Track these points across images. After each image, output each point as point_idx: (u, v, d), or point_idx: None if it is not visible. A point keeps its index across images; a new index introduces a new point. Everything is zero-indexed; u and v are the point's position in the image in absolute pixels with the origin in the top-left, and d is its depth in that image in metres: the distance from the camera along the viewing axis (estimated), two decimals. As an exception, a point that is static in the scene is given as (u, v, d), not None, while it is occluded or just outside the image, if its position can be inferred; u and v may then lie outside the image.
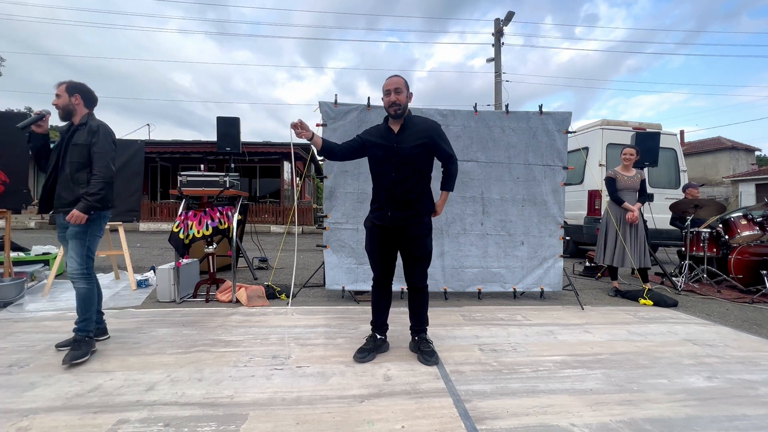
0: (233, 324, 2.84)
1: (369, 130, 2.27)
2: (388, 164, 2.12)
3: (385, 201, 2.15)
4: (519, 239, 3.79)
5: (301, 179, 17.52)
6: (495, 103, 12.67)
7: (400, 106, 2.10)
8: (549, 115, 3.77)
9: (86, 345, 2.16)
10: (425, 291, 2.26)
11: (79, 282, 2.22)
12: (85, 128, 2.24)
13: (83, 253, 2.23)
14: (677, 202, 4.94)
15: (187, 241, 3.34)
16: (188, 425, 1.51)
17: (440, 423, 1.57)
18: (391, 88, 2.10)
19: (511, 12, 12.45)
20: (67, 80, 2.31)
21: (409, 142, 2.12)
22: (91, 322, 2.24)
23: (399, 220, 2.14)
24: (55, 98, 2.28)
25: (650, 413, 1.68)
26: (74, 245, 2.21)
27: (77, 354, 2.08)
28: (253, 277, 4.66)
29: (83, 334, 2.19)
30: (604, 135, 6.45)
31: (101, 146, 2.23)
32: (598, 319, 3.17)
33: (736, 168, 21.87)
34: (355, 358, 2.18)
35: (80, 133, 2.23)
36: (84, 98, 2.31)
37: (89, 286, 2.24)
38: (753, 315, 3.44)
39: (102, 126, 2.28)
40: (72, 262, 2.21)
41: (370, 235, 2.25)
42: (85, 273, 2.23)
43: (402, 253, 2.24)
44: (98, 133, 2.24)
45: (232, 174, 3.75)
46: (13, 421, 1.52)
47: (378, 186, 2.20)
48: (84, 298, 2.22)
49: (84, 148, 2.21)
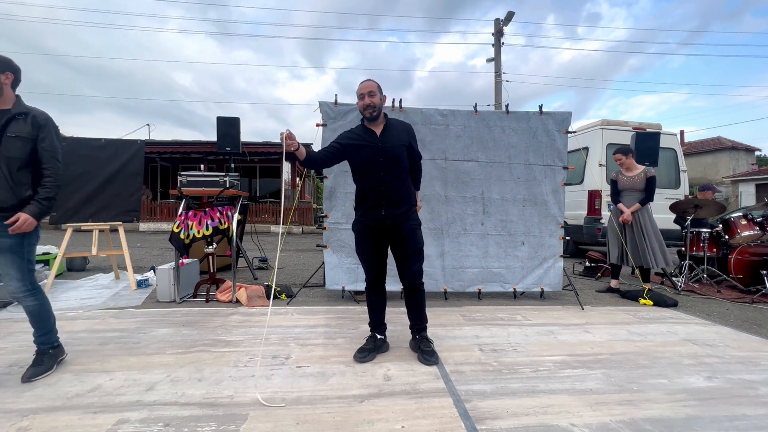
0: (233, 324, 2.84)
1: (345, 134, 2.29)
2: (375, 164, 2.17)
3: (376, 201, 2.18)
4: (519, 239, 3.79)
5: (301, 179, 17.52)
6: (495, 103, 12.68)
7: (375, 108, 2.17)
8: (549, 115, 3.77)
9: (50, 358, 1.97)
10: (422, 288, 2.28)
11: (26, 300, 1.92)
12: (27, 118, 1.87)
13: (23, 267, 1.90)
14: (677, 202, 4.94)
15: (187, 241, 3.34)
16: (188, 425, 1.51)
17: (440, 423, 1.57)
18: (365, 92, 2.16)
19: (511, 12, 12.46)
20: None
21: (394, 142, 2.20)
22: (53, 333, 2.03)
23: (395, 218, 2.17)
24: None
25: (650, 413, 1.68)
26: (11, 260, 1.86)
27: (39, 370, 1.89)
28: (253, 277, 4.66)
29: (46, 347, 2.00)
30: (604, 135, 6.45)
31: (51, 143, 1.92)
32: (598, 319, 3.17)
33: (736, 168, 21.87)
34: (355, 358, 2.19)
35: (19, 124, 1.85)
36: (16, 78, 1.91)
37: (39, 301, 1.97)
38: (753, 315, 3.44)
39: (48, 118, 1.95)
40: (12, 281, 1.87)
41: (362, 238, 2.26)
42: (30, 289, 1.93)
43: (396, 253, 2.25)
44: (46, 126, 1.92)
45: (232, 174, 3.75)
46: (13, 421, 1.52)
47: (365, 187, 2.22)
48: (38, 314, 1.97)
49: (27, 142, 1.86)
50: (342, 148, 2.23)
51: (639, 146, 4.94)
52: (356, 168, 2.26)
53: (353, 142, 2.22)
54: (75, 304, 3.34)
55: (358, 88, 2.21)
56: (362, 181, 2.24)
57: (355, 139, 2.23)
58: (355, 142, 2.22)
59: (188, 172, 3.66)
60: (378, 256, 2.27)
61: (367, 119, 2.21)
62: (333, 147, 2.23)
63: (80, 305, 3.29)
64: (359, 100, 2.20)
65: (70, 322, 2.79)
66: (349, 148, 2.22)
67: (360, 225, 2.26)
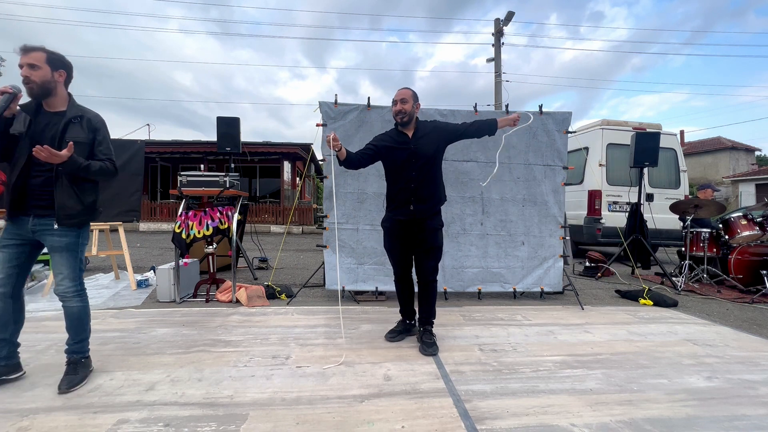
0: (233, 324, 2.83)
1: (380, 137, 2.46)
2: (408, 165, 2.34)
3: (406, 198, 2.34)
4: (519, 239, 3.79)
5: (301, 179, 17.52)
6: (495, 103, 12.67)
7: (405, 114, 2.33)
8: (549, 115, 3.77)
9: (83, 368, 1.89)
10: (435, 284, 2.46)
11: (73, 300, 1.86)
12: (82, 121, 1.83)
13: (76, 267, 1.87)
14: (677, 202, 4.94)
15: (188, 240, 3.35)
16: (188, 425, 1.51)
17: (440, 423, 1.57)
18: (397, 99, 2.35)
19: (511, 12, 12.45)
20: (39, 45, 1.74)
21: (427, 143, 2.36)
22: (86, 342, 1.95)
23: (423, 212, 2.35)
24: (28, 69, 1.70)
25: (650, 413, 1.68)
26: (65, 259, 1.82)
27: (75, 379, 1.82)
28: (253, 277, 4.66)
29: (79, 356, 1.90)
30: (604, 135, 6.45)
31: (107, 146, 1.90)
32: (598, 319, 3.17)
33: (736, 168, 21.86)
34: (386, 338, 2.50)
35: (76, 129, 1.80)
36: (68, 75, 1.83)
37: (83, 303, 1.91)
38: (753, 315, 3.44)
39: (102, 120, 1.92)
40: (64, 280, 1.83)
41: (390, 234, 2.45)
42: (79, 290, 1.89)
43: (417, 248, 2.42)
44: (102, 129, 1.89)
45: (232, 174, 3.75)
46: (13, 421, 1.52)
47: (396, 186, 2.39)
48: (79, 318, 1.89)
49: (85, 147, 1.81)
50: (377, 150, 2.37)
51: (639, 146, 4.94)
52: (390, 168, 2.42)
53: (387, 144, 2.38)
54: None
55: (395, 96, 2.39)
56: (394, 180, 2.40)
57: (389, 141, 2.39)
58: (390, 144, 2.38)
59: (188, 172, 3.65)
60: (404, 251, 2.44)
61: (399, 124, 2.39)
62: (369, 149, 2.38)
63: (80, 305, 3.29)
64: (393, 105, 2.38)
65: (70, 322, 2.79)
66: (383, 150, 2.38)
67: (389, 222, 2.43)
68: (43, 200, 1.78)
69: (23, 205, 1.77)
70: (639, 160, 4.96)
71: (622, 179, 6.35)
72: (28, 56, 1.71)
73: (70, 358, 1.89)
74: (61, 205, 1.77)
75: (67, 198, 1.78)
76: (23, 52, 1.71)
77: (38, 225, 1.78)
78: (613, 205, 6.43)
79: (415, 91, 2.37)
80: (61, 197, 1.77)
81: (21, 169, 1.73)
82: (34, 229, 1.79)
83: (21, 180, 1.74)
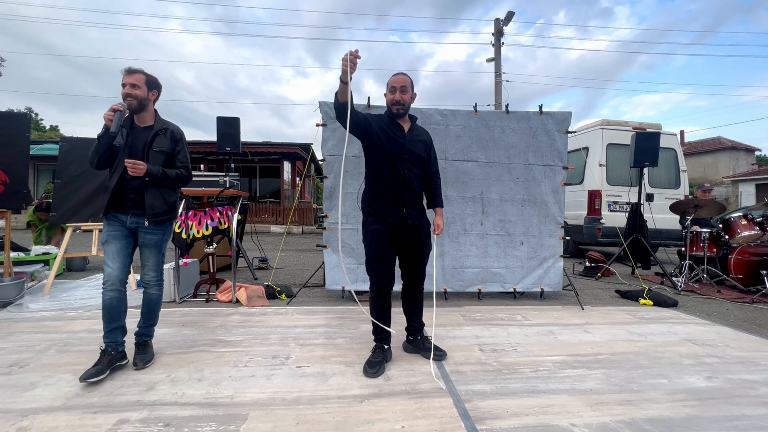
0: (233, 324, 2.83)
1: (374, 116, 2.11)
2: (400, 159, 2.07)
3: (397, 198, 2.07)
4: (519, 239, 3.79)
5: (301, 179, 17.52)
6: (495, 103, 12.67)
7: (404, 106, 2.07)
8: (549, 115, 3.77)
9: (150, 348, 2.17)
10: (423, 289, 2.32)
11: (154, 288, 2.20)
12: (167, 133, 2.11)
13: (160, 260, 2.20)
14: (677, 202, 4.95)
15: (188, 240, 3.34)
16: (188, 425, 1.51)
17: (440, 423, 1.57)
18: (397, 86, 2.05)
19: (511, 12, 12.45)
20: (139, 68, 2.03)
21: (418, 143, 2.15)
22: (154, 327, 2.22)
23: (414, 217, 2.12)
24: (131, 88, 1.98)
25: (650, 413, 1.68)
26: (153, 254, 2.15)
27: (147, 357, 2.09)
28: (253, 277, 4.66)
29: (147, 338, 2.18)
30: (604, 135, 6.46)
31: (185, 156, 2.17)
32: (598, 319, 3.17)
33: (736, 168, 21.87)
34: (366, 373, 2.00)
35: (161, 140, 2.08)
36: (158, 96, 2.16)
37: (160, 293, 2.25)
38: (753, 315, 3.44)
39: (182, 133, 2.20)
40: (150, 271, 2.17)
41: (380, 238, 2.08)
42: (160, 280, 2.22)
43: (407, 254, 2.19)
44: (181, 140, 2.17)
45: (232, 174, 3.75)
46: (13, 421, 1.52)
47: (382, 182, 2.08)
48: (156, 304, 2.21)
49: (167, 156, 2.10)
50: (369, 124, 2.04)
51: (639, 146, 4.94)
52: (377, 158, 2.08)
53: (383, 128, 2.08)
54: (75, 304, 3.34)
55: (390, 80, 2.08)
56: (382, 174, 2.08)
57: (384, 127, 2.09)
58: (385, 129, 2.08)
59: (188, 172, 3.65)
60: (392, 260, 2.15)
61: (393, 115, 2.10)
62: (363, 117, 2.02)
63: (80, 305, 3.29)
64: (389, 93, 2.08)
65: (70, 322, 2.79)
66: (376, 128, 2.06)
67: (378, 224, 2.09)
68: (137, 201, 2.06)
69: (121, 205, 2.05)
70: (639, 160, 4.96)
71: (622, 179, 6.35)
72: (132, 77, 2.00)
73: (140, 339, 2.15)
74: (150, 205, 2.05)
75: (153, 199, 2.06)
76: (127, 73, 2.00)
77: (134, 223, 2.07)
78: (613, 205, 6.43)
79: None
80: (150, 198, 2.06)
81: (120, 175, 2.00)
82: (131, 226, 2.07)
83: (119, 184, 2.02)
